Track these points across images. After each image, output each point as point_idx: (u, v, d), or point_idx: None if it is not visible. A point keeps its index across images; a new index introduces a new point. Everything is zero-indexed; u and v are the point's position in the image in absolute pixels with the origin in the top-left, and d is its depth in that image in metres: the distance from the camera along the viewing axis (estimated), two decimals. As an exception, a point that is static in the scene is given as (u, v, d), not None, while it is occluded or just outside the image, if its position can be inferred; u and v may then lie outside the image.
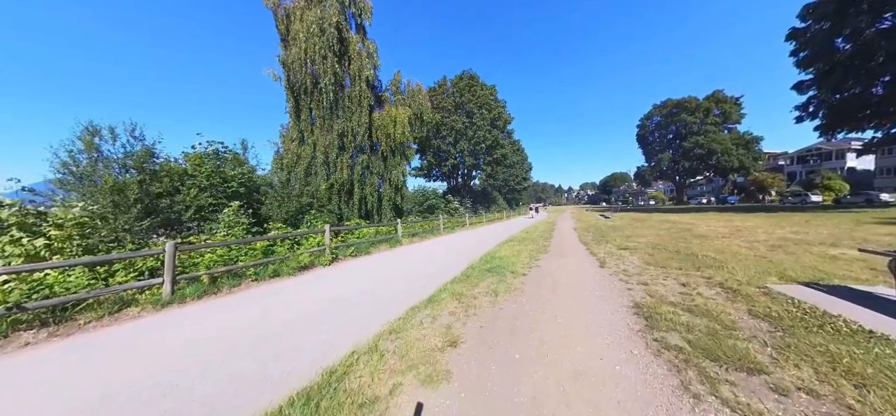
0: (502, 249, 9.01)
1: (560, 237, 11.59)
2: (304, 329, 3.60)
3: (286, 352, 2.99)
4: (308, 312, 4.26)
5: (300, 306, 4.59)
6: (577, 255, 7.56)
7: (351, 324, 3.71)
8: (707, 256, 6.44)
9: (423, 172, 33.77)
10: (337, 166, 13.66)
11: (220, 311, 4.50)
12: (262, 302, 4.90)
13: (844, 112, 22.87)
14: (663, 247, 7.81)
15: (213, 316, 4.27)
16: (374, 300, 4.71)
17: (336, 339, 3.26)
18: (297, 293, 5.45)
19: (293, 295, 5.30)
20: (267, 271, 7.65)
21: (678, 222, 14.62)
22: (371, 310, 4.22)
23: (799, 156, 60.18)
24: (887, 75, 20.80)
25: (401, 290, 5.28)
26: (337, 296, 5.04)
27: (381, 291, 5.32)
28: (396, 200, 14.74)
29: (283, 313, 4.23)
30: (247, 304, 4.86)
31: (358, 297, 4.93)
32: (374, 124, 13.72)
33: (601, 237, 10.51)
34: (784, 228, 10.95)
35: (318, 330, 3.55)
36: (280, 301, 4.91)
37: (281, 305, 4.69)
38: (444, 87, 32.02)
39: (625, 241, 9.27)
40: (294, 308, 4.46)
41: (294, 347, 3.12)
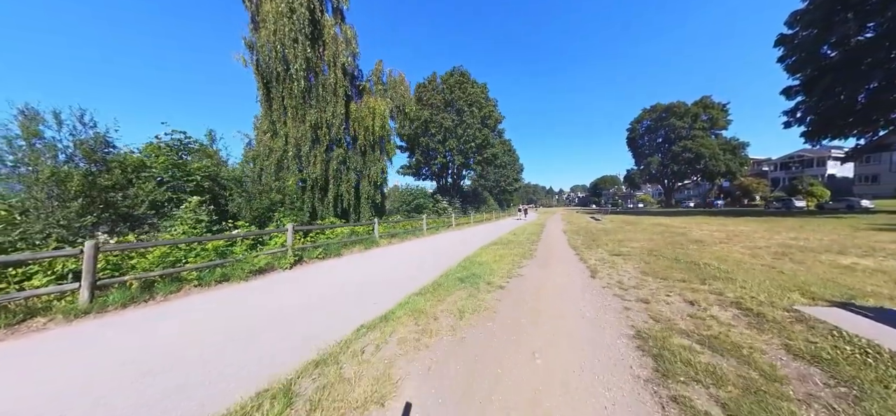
0: (484, 253, 8.14)
1: (548, 241, 10.80)
2: (213, 358, 2.73)
3: (168, 394, 2.13)
4: (233, 330, 3.44)
5: (230, 321, 3.75)
6: (566, 262, 6.74)
7: (274, 350, 2.86)
8: (709, 264, 5.70)
9: (412, 170, 32.77)
10: (310, 161, 12.58)
11: (136, 325, 3.72)
12: (190, 315, 4.05)
13: (830, 119, 22.93)
14: (660, 253, 7.07)
15: (123, 332, 3.51)
16: (319, 315, 3.83)
17: (244, 372, 2.44)
18: (239, 303, 4.61)
19: (231, 305, 4.47)
20: (213, 276, 6.63)
21: (670, 226, 14.05)
22: (311, 329, 3.34)
23: (782, 162, 61.50)
24: (872, 84, 20.89)
25: (356, 301, 4.40)
26: (279, 308, 4.17)
27: (333, 302, 4.42)
28: (376, 198, 13.74)
29: (204, 331, 3.41)
30: (172, 316, 4.09)
31: (303, 310, 4.08)
32: (351, 116, 12.68)
33: (592, 241, 9.76)
34: (781, 233, 10.42)
35: (229, 359, 2.72)
36: (211, 313, 4.06)
37: (209, 318, 3.85)
38: (434, 83, 31.09)
39: (617, 246, 8.52)
40: (221, 323, 3.64)
41: (182, 386, 2.26)
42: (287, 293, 5.13)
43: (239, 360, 2.66)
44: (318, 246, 9.76)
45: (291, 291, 5.35)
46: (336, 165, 12.85)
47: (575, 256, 7.41)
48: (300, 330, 3.33)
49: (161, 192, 10.16)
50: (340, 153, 12.68)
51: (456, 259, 7.57)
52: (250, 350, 2.86)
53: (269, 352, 2.80)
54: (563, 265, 6.34)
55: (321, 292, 5.17)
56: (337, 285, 5.66)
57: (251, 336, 3.19)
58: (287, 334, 3.22)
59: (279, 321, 3.64)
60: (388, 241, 12.19)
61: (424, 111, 29.11)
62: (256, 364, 2.57)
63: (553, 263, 6.65)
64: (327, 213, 13.24)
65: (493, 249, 8.94)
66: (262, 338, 3.14)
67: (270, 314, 3.93)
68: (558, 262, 6.73)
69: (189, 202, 9.66)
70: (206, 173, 11.74)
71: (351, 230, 12.30)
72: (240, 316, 3.91)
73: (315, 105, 12.14)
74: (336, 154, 12.69)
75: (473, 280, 5.03)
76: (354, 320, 3.59)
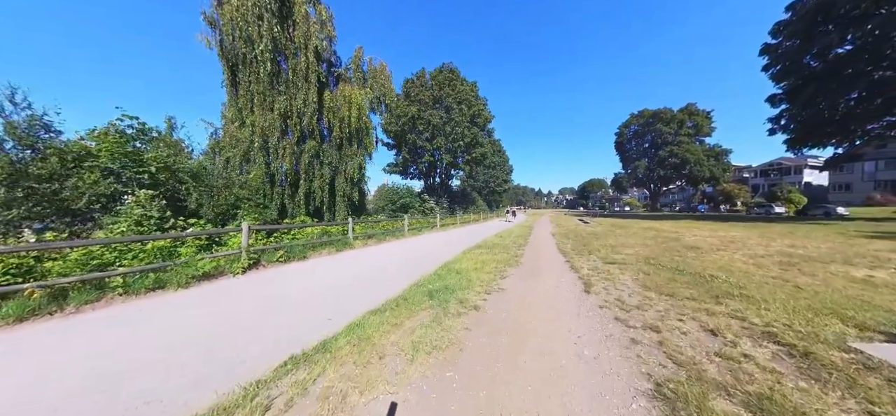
0: (465, 259, 7.26)
1: (536, 244, 10.03)
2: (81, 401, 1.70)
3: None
4: (134, 359, 2.61)
5: (136, 345, 2.92)
6: (555, 271, 5.93)
7: (137, 403, 1.86)
8: (715, 277, 4.99)
9: (399, 168, 31.69)
10: (279, 153, 11.44)
11: (25, 348, 2.86)
12: (95, 335, 3.09)
13: (812, 128, 23.22)
14: (658, 262, 6.36)
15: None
16: (243, 338, 3.04)
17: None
18: (149, 319, 3.77)
19: (151, 321, 3.68)
20: (144, 282, 5.59)
21: (661, 230, 13.56)
22: (216, 365, 2.47)
23: (762, 170, 63.40)
24: (851, 95, 21.21)
25: (302, 317, 3.57)
26: (194, 327, 3.36)
27: (271, 318, 3.61)
28: (353, 196, 12.69)
29: (67, 375, 2.40)
30: (79, 334, 3.29)
31: (226, 329, 3.28)
32: (325, 106, 11.60)
33: (583, 246, 9.03)
34: (775, 240, 9.97)
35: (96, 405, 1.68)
36: (117, 335, 3.16)
37: (112, 341, 2.98)
38: (422, 79, 30.13)
39: (610, 252, 7.80)
40: (123, 349, 2.79)
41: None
42: (220, 306, 4.17)
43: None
44: (281, 248, 8.68)
45: (228, 302, 4.37)
46: (308, 158, 11.74)
47: (565, 263, 6.63)
48: (198, 367, 2.40)
49: (106, 184, 9.03)
50: (313, 146, 11.57)
51: (433, 265, 6.67)
52: (122, 398, 1.88)
53: (144, 401, 1.84)
54: (553, 275, 5.53)
55: (264, 303, 4.21)
56: (288, 294, 4.72)
57: (118, 381, 2.22)
58: (178, 372, 2.29)
59: (180, 349, 2.70)
60: (364, 243, 11.18)
61: (412, 107, 28.12)
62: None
63: (541, 271, 5.83)
64: (299, 211, 12.12)
65: (476, 254, 8.08)
66: (135, 382, 2.18)
67: (178, 337, 3.02)
68: (547, 270, 5.92)
69: (136, 196, 8.51)
70: (162, 164, 10.55)
71: (323, 230, 11.23)
72: (132, 342, 2.94)
73: (284, 92, 11.01)
74: (308, 147, 11.58)
75: (445, 295, 4.14)
76: (283, 348, 2.69)
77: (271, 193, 11.86)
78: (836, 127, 22.57)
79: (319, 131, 11.87)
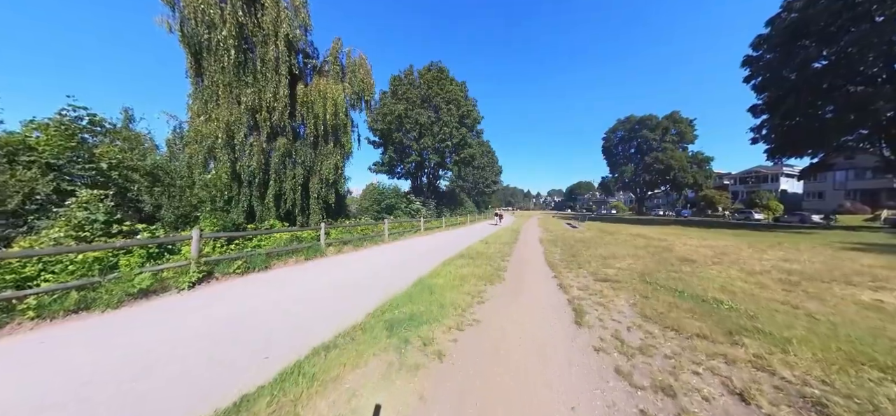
0: (443, 272, 6.53)
1: (522, 253, 9.41)
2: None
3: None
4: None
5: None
6: (542, 291, 5.27)
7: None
8: (720, 302, 4.45)
9: (385, 168, 30.71)
10: (246, 151, 10.42)
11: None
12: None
13: (791, 139, 23.69)
14: (654, 280, 5.80)
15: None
16: (150, 386, 2.18)
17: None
18: (33, 362, 2.90)
19: (38, 364, 2.89)
20: (65, 303, 4.69)
21: (651, 238, 13.22)
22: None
23: (741, 177, 65.42)
24: (829, 107, 21.73)
25: (229, 359, 2.80)
26: (104, 368, 2.65)
27: (190, 359, 2.83)
28: (328, 197, 11.77)
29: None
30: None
31: (134, 370, 2.65)
32: (298, 100, 10.64)
33: (571, 257, 8.45)
34: (766, 252, 9.68)
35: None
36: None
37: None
38: (411, 76, 29.29)
39: (601, 265, 7.23)
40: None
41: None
42: (140, 333, 3.34)
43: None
44: (238, 258, 7.74)
45: (153, 330, 3.54)
46: (279, 157, 10.76)
47: (553, 279, 5.99)
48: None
49: (45, 182, 8.03)
50: (284, 144, 10.59)
51: (406, 281, 5.92)
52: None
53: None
54: (538, 297, 4.86)
55: (196, 330, 3.47)
56: (231, 316, 3.93)
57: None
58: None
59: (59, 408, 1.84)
60: (338, 250, 10.30)
61: (399, 105, 27.25)
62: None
63: (525, 291, 5.16)
64: (268, 214, 11.13)
65: (457, 265, 7.36)
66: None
67: (55, 386, 2.12)
68: (533, 289, 5.25)
69: (78, 197, 7.48)
70: (114, 160, 9.50)
71: (292, 236, 10.28)
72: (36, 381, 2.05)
73: (252, 84, 10.01)
74: (279, 144, 10.59)
75: (408, 330, 3.39)
76: (181, 407, 1.87)
77: (238, 194, 10.83)
78: (813, 138, 23.13)
79: (292, 128, 10.90)
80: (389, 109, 27.22)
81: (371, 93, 12.17)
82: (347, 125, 11.53)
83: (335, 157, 11.35)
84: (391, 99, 28.59)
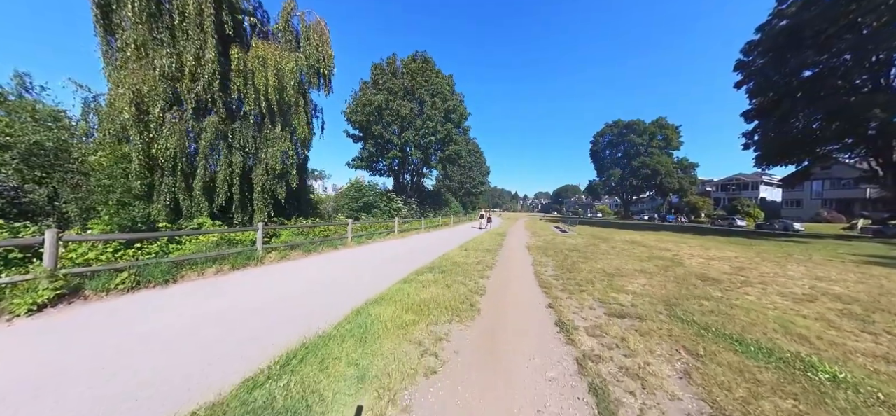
0: (396, 296, 4.67)
1: (507, 267, 7.67)
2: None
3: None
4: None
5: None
6: (534, 338, 3.50)
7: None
8: (810, 363, 2.81)
9: (364, 163, 28.51)
10: (163, 128, 8.25)
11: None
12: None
13: (781, 145, 23.12)
14: (685, 313, 4.16)
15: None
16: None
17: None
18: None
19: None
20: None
21: (651, 247, 11.80)
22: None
23: (722, 184, 66.63)
24: (818, 115, 21.26)
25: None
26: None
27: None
28: (278, 192, 9.70)
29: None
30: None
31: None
32: (234, 69, 8.54)
33: (568, 272, 6.77)
34: (788, 268, 8.32)
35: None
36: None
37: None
38: (393, 66, 27.26)
39: (609, 286, 5.56)
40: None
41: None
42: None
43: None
44: (124, 269, 5.70)
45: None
46: (209, 139, 8.62)
47: (549, 312, 4.24)
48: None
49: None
50: (215, 123, 8.46)
51: (342, 308, 4.07)
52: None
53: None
54: (529, 354, 3.09)
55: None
56: (65, 366, 2.04)
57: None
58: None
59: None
60: (282, 256, 8.28)
61: (379, 96, 25.18)
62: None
63: (509, 339, 3.37)
64: (199, 210, 8.98)
65: (420, 283, 5.53)
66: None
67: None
68: (519, 338, 3.47)
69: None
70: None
71: (223, 238, 8.20)
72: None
73: (169, 43, 7.86)
74: (209, 124, 8.46)
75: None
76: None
77: (160, 184, 8.64)
78: (801, 146, 22.66)
79: (225, 104, 8.79)
80: (369, 99, 25.12)
81: (330, 66, 10.14)
82: (301, 105, 9.48)
83: (283, 143, 9.28)
84: (372, 89, 26.50)
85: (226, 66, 8.53)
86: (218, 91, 8.33)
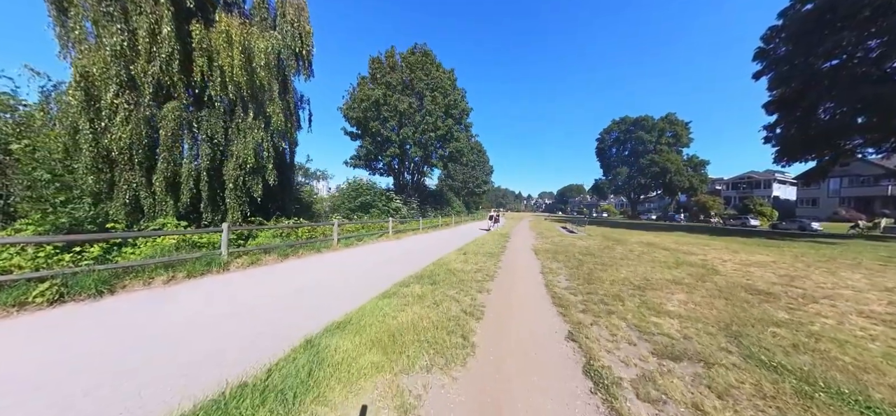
0: (367, 320, 3.54)
1: (512, 275, 6.51)
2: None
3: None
4: None
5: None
6: (555, 391, 2.35)
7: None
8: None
9: (362, 161, 27.48)
10: (117, 116, 7.22)
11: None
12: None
13: (803, 140, 21.56)
14: (753, 340, 2.99)
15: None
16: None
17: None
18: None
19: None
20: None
21: (675, 250, 10.55)
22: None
23: (733, 182, 64.66)
24: (844, 106, 19.73)
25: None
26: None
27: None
28: (253, 189, 8.64)
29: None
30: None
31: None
32: (196, 48, 7.47)
33: (587, 285, 5.59)
34: (842, 275, 7.06)
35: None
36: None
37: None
38: (392, 59, 26.17)
39: (642, 305, 4.38)
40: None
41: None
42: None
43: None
44: (45, 278, 4.67)
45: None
46: (172, 128, 7.57)
47: (570, 347, 3.08)
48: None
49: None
50: (175, 109, 7.41)
51: (299, 333, 2.96)
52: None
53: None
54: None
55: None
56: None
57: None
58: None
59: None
60: (252, 260, 7.20)
61: (376, 90, 24.11)
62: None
63: (516, 401, 2.24)
64: (162, 209, 7.95)
65: (403, 299, 4.40)
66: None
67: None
68: (533, 391, 2.33)
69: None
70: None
71: (184, 240, 7.16)
72: None
73: (120, 18, 6.82)
74: (169, 110, 7.41)
75: None
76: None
77: (119, 179, 7.62)
78: (826, 140, 21.11)
79: (189, 88, 7.75)
80: (366, 94, 24.06)
81: (308, 44, 9.04)
82: (276, 89, 8.39)
83: (256, 133, 8.21)
84: (370, 84, 25.44)
85: (189, 46, 7.46)
86: (178, 73, 7.27)
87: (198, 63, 7.44)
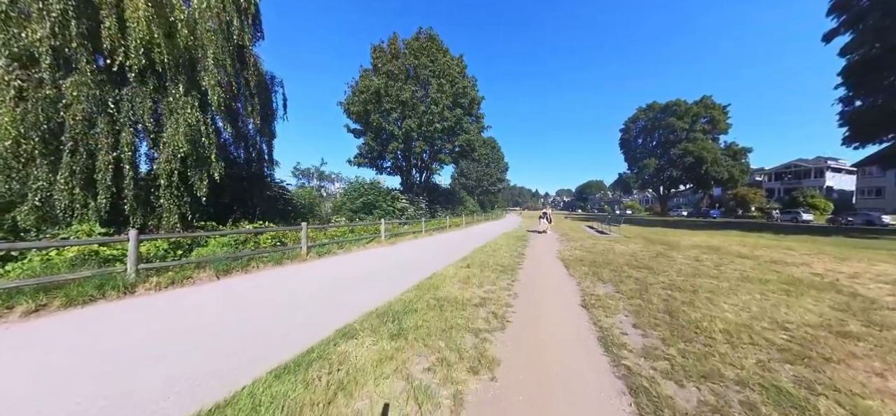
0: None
1: (536, 312, 4.18)
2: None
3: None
4: None
5: None
6: None
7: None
8: None
9: (366, 159, 25.65)
10: (8, 94, 5.48)
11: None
12: None
13: (889, 115, 17.44)
14: None
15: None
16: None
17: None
18: None
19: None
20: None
21: (751, 256, 7.81)
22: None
23: (776, 172, 58.52)
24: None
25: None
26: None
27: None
28: (196, 185, 6.75)
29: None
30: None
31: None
32: (103, 6, 5.61)
33: (669, 329, 3.21)
34: None
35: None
36: None
37: None
38: (395, 46, 24.14)
39: (820, 390, 2.00)
40: None
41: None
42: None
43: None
44: None
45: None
46: (81, 110, 5.77)
47: None
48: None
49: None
50: (81, 84, 5.60)
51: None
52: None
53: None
54: None
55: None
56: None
57: None
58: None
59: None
60: (174, 277, 5.23)
61: (377, 80, 22.18)
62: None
63: None
64: (83, 213, 6.18)
65: (336, 366, 2.23)
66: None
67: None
68: None
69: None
70: None
71: (81, 252, 5.31)
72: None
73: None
74: (71, 85, 5.61)
75: None
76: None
77: (29, 178, 5.91)
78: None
79: (95, 56, 5.94)
80: (367, 85, 22.19)
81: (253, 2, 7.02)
82: (210, 54, 6.40)
83: (189, 112, 6.28)
84: (372, 75, 23.56)
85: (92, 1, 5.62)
86: (77, 37, 5.42)
87: (106, 24, 5.57)
